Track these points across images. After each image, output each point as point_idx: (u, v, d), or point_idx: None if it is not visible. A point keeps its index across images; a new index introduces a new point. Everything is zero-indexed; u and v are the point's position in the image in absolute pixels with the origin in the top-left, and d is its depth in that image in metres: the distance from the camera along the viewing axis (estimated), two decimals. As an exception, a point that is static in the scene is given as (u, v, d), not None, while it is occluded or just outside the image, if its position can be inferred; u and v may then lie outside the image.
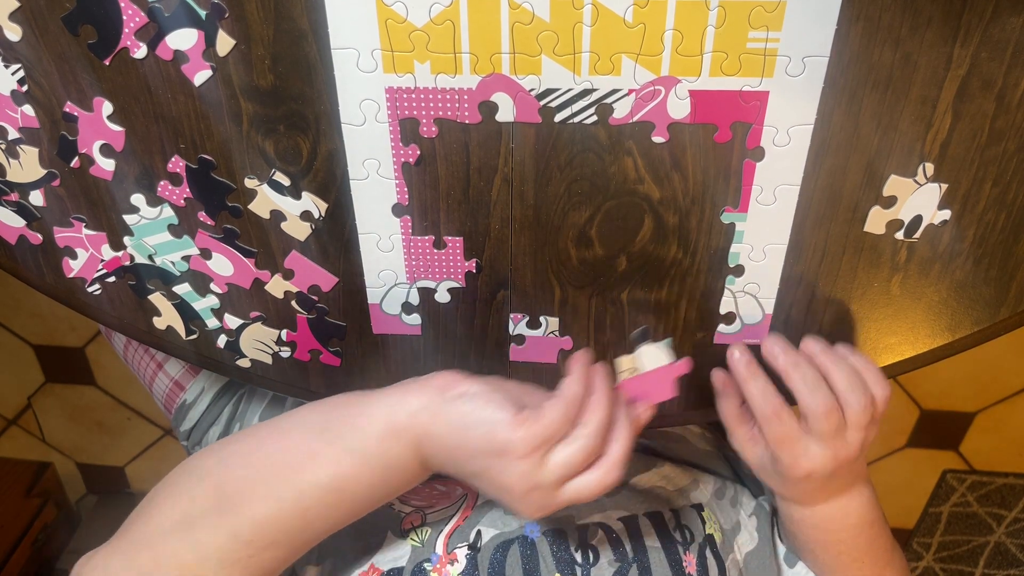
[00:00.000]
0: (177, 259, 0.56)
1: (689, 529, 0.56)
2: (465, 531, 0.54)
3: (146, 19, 0.46)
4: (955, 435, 1.46)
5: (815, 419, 0.49)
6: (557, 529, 0.54)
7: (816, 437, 0.50)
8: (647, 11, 0.43)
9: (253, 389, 0.79)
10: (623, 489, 0.58)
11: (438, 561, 0.52)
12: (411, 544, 0.54)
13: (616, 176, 0.49)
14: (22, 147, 0.52)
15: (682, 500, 0.59)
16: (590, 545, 0.53)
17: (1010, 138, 0.46)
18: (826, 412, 0.49)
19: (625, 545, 0.54)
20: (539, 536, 0.53)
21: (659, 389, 0.50)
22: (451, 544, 0.53)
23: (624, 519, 0.55)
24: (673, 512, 0.57)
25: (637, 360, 0.51)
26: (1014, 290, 0.53)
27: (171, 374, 0.84)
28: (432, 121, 0.48)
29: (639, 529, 0.55)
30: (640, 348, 0.52)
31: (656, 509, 0.57)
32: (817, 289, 0.53)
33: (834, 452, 0.50)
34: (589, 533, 0.54)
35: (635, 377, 0.51)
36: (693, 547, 0.55)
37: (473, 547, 0.53)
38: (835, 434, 0.49)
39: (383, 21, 0.45)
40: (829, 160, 0.48)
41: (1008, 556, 1.61)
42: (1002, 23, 0.43)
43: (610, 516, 0.56)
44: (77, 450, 1.68)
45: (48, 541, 1.56)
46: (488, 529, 0.54)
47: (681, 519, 0.57)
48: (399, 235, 0.53)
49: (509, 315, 0.56)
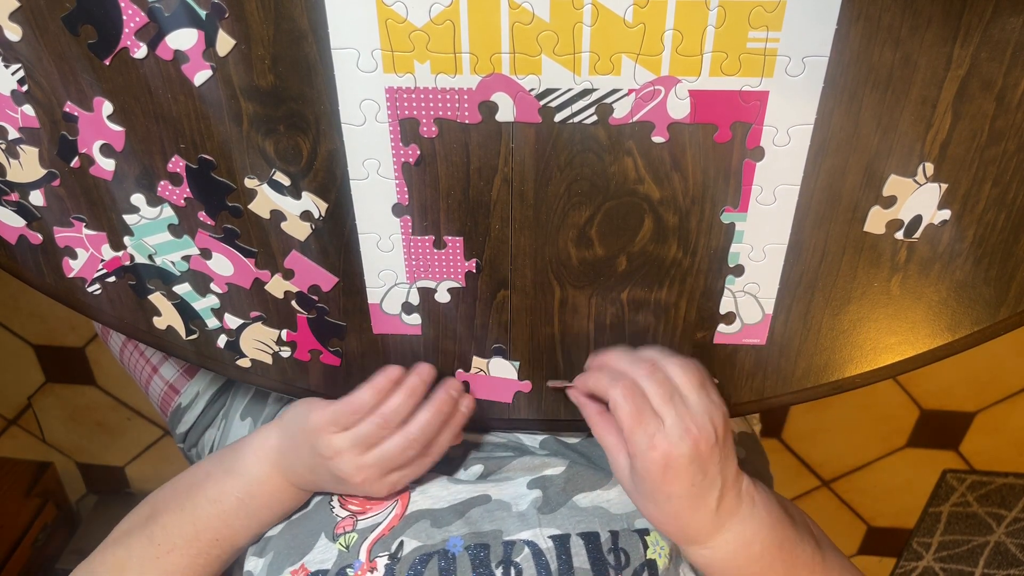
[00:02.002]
0: (177, 259, 0.56)
1: (625, 552, 0.54)
2: (388, 541, 0.54)
3: (146, 19, 0.46)
4: (955, 435, 1.46)
5: (650, 378, 0.50)
6: (481, 544, 0.53)
7: (663, 412, 0.49)
8: (647, 11, 0.43)
9: (239, 384, 0.79)
10: (561, 507, 0.56)
11: (360, 568, 0.53)
12: (338, 548, 0.55)
13: (616, 176, 0.49)
14: (22, 147, 0.52)
15: (624, 523, 0.56)
16: (513, 562, 0.52)
17: (1010, 138, 0.47)
18: (647, 375, 0.50)
19: (551, 564, 0.52)
20: (461, 551, 0.53)
21: (499, 392, 0.61)
22: (374, 552, 0.54)
23: (555, 537, 0.54)
24: (612, 534, 0.55)
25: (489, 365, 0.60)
26: (1014, 290, 0.53)
27: (166, 378, 0.84)
28: (432, 121, 0.48)
29: (569, 549, 0.53)
30: (494, 359, 0.59)
31: (592, 529, 0.54)
32: (817, 289, 0.53)
33: (685, 424, 0.48)
34: (515, 550, 0.53)
35: (481, 376, 0.60)
36: (627, 571, 0.53)
37: (394, 557, 0.53)
38: (672, 399, 0.49)
39: (383, 21, 0.45)
40: (829, 160, 0.48)
41: (1008, 556, 1.61)
42: (1002, 23, 0.43)
43: (540, 534, 0.54)
44: (77, 450, 1.68)
45: (48, 541, 1.56)
46: (411, 541, 0.54)
47: (619, 542, 0.54)
48: (399, 235, 0.53)
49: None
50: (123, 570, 0.57)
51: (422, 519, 0.56)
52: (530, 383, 0.60)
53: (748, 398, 0.59)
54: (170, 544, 0.57)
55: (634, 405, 0.49)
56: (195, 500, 0.58)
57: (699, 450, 0.49)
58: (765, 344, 0.56)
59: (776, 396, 0.59)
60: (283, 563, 0.56)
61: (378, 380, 0.56)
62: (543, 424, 0.62)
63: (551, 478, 0.58)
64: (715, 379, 0.58)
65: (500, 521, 0.55)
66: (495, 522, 0.55)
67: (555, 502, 0.56)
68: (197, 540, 0.57)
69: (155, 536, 0.57)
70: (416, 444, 0.55)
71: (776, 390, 0.59)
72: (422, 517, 0.56)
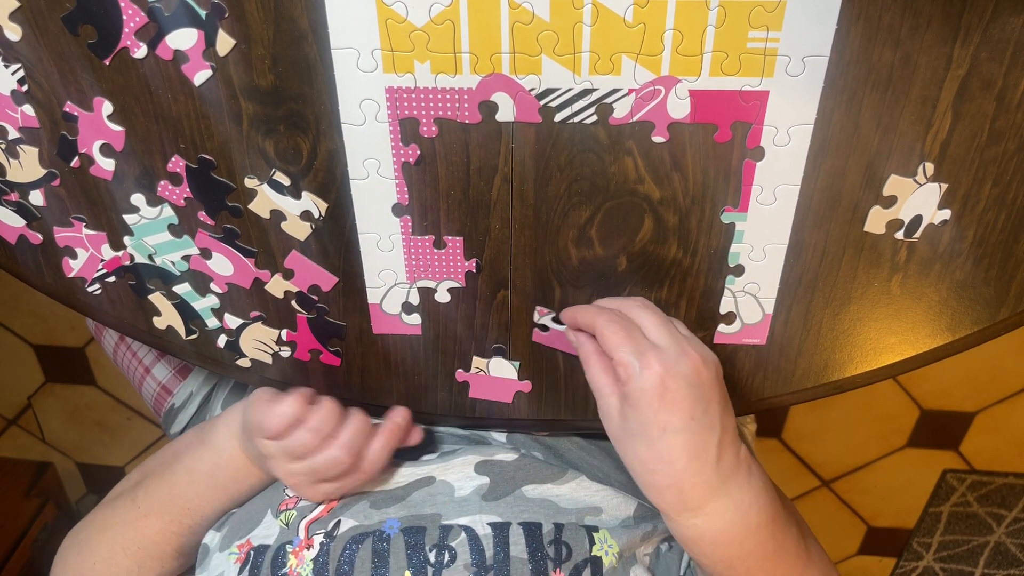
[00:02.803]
0: (177, 259, 0.56)
1: (568, 545, 0.52)
2: (327, 520, 0.55)
3: (146, 19, 0.46)
4: (955, 435, 1.46)
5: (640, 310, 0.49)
6: (418, 527, 0.53)
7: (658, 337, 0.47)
8: (647, 11, 0.43)
9: (224, 378, 0.79)
10: (507, 496, 0.55)
11: (298, 544, 0.54)
12: (279, 525, 0.56)
13: (616, 176, 0.50)
14: (22, 147, 0.52)
15: (572, 517, 0.54)
16: (448, 546, 0.52)
17: (1010, 138, 0.47)
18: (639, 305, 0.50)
19: (487, 551, 0.51)
20: (396, 532, 0.53)
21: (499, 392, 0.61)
22: (311, 530, 0.54)
23: (494, 524, 0.53)
24: (556, 526, 0.53)
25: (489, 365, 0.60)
26: (1014, 290, 0.53)
27: (159, 379, 0.84)
28: (432, 121, 0.48)
29: (507, 537, 0.52)
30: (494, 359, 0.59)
31: (535, 520, 0.53)
32: (817, 289, 0.53)
33: (682, 347, 0.46)
34: (451, 534, 0.52)
35: (481, 376, 0.60)
36: (567, 566, 0.51)
37: (330, 535, 0.54)
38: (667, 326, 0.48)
39: (383, 21, 0.45)
40: (829, 160, 0.48)
41: (1008, 556, 1.61)
42: (1002, 23, 0.43)
43: (479, 520, 0.53)
44: (77, 450, 1.69)
45: (48, 541, 1.55)
46: (348, 520, 0.54)
47: (563, 535, 0.52)
48: (399, 235, 0.53)
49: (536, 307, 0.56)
50: (105, 529, 0.61)
51: (362, 500, 0.56)
52: (530, 383, 0.60)
53: (748, 398, 0.59)
54: (148, 508, 0.60)
55: (623, 328, 0.47)
56: (174, 468, 0.61)
57: (700, 375, 0.45)
58: (765, 344, 0.56)
59: (776, 396, 0.59)
60: (233, 537, 0.57)
61: (301, 390, 0.55)
62: (544, 424, 0.62)
63: (501, 464, 0.58)
64: None
65: (440, 505, 0.55)
66: (435, 506, 0.55)
67: (501, 490, 0.55)
68: (172, 506, 0.60)
69: (137, 499, 0.60)
70: (343, 459, 0.54)
71: (776, 390, 0.59)
72: (362, 498, 0.56)
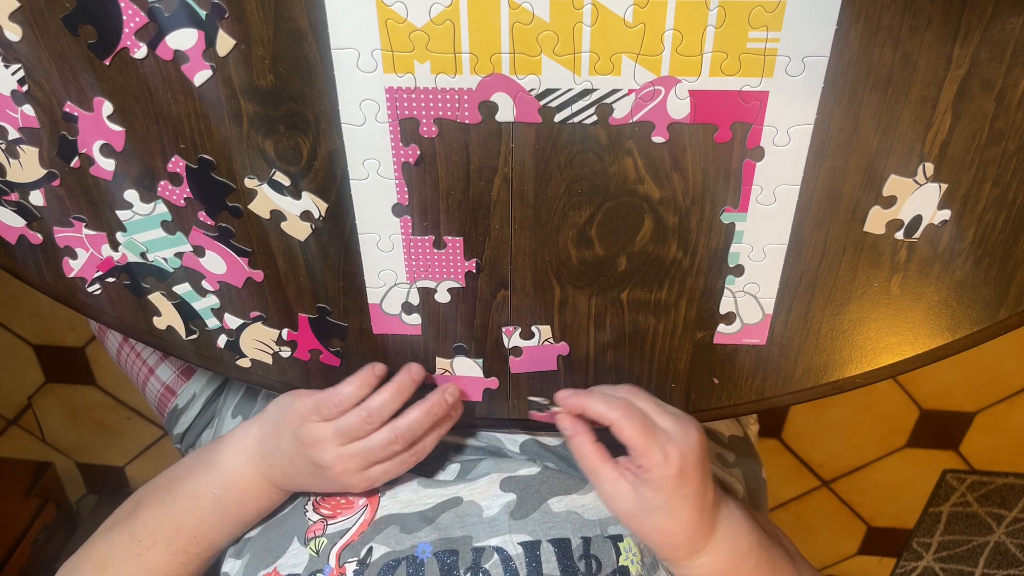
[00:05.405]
0: (170, 255, 0.56)
1: (597, 559, 0.53)
2: (358, 547, 0.54)
3: (146, 19, 0.46)
4: (955, 435, 1.46)
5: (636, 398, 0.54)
6: (450, 550, 0.53)
7: (662, 423, 0.52)
8: (647, 11, 0.43)
9: (231, 383, 0.79)
10: (534, 512, 0.55)
11: (329, 573, 0.53)
12: (309, 553, 0.55)
13: (616, 176, 0.50)
14: (22, 147, 0.52)
15: (597, 529, 0.55)
16: (482, 568, 0.52)
17: (1010, 138, 0.47)
18: (632, 394, 0.54)
19: (520, 571, 0.52)
20: (429, 556, 0.53)
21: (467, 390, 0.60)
22: (343, 557, 0.54)
23: (525, 544, 0.53)
24: (583, 540, 0.54)
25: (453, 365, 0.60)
26: (1014, 290, 0.53)
27: (162, 379, 0.84)
28: (432, 121, 0.48)
29: (539, 556, 0.52)
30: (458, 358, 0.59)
31: (563, 536, 0.54)
32: (817, 289, 0.53)
33: (684, 427, 0.52)
34: (484, 556, 0.53)
35: (447, 376, 0.60)
36: None
37: (362, 563, 0.53)
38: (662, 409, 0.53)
39: (383, 21, 0.45)
40: (829, 160, 0.48)
41: (1008, 556, 1.61)
42: (1002, 23, 0.43)
43: (510, 540, 0.53)
44: (77, 450, 1.68)
45: (48, 541, 1.55)
46: (380, 546, 0.54)
47: (591, 548, 0.53)
48: (399, 235, 0.53)
49: (502, 329, 0.56)
50: (105, 566, 0.57)
51: (391, 524, 0.55)
52: (496, 380, 0.60)
53: (748, 398, 0.59)
54: (150, 541, 0.57)
55: (640, 422, 0.51)
56: (174, 495, 0.58)
57: (701, 444, 0.51)
58: (765, 344, 0.56)
59: (776, 396, 0.59)
60: (258, 566, 0.56)
61: (363, 374, 0.56)
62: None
63: (526, 479, 0.58)
64: (715, 379, 0.58)
65: (470, 527, 0.55)
66: (465, 528, 0.55)
67: (528, 506, 0.56)
68: (176, 537, 0.57)
69: (136, 532, 0.57)
70: (402, 440, 0.55)
71: (776, 390, 0.59)
72: (392, 522, 0.56)
